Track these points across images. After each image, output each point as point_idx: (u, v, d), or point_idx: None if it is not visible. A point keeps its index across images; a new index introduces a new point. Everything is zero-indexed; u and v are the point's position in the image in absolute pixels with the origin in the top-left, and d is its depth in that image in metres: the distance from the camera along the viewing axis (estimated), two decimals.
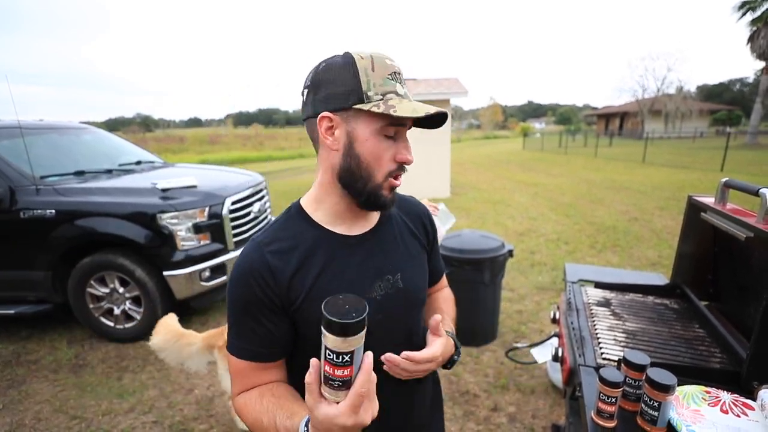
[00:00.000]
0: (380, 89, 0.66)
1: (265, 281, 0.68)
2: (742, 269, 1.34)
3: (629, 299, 1.64)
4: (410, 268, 0.81)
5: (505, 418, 2.14)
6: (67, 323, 3.19)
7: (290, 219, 0.76)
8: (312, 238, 0.73)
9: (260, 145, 27.41)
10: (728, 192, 1.35)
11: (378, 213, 0.81)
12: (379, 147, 0.68)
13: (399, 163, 0.71)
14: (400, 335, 0.79)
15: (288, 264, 0.70)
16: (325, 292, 0.68)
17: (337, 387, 0.50)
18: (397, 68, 0.69)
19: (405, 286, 0.78)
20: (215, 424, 2.15)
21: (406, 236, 0.84)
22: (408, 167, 0.73)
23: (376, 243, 0.78)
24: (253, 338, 0.70)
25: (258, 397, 0.69)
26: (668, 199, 7.55)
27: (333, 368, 0.49)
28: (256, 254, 0.70)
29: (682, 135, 29.65)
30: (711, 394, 0.98)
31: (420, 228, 0.88)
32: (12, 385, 2.51)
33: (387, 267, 0.77)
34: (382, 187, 0.70)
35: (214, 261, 2.99)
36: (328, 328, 0.48)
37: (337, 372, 0.49)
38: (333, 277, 0.72)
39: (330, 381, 0.50)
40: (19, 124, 3.07)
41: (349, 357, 0.48)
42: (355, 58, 0.66)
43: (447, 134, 8.64)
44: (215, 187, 3.20)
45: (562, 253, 4.71)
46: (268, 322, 0.70)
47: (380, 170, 0.69)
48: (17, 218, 2.72)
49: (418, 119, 0.71)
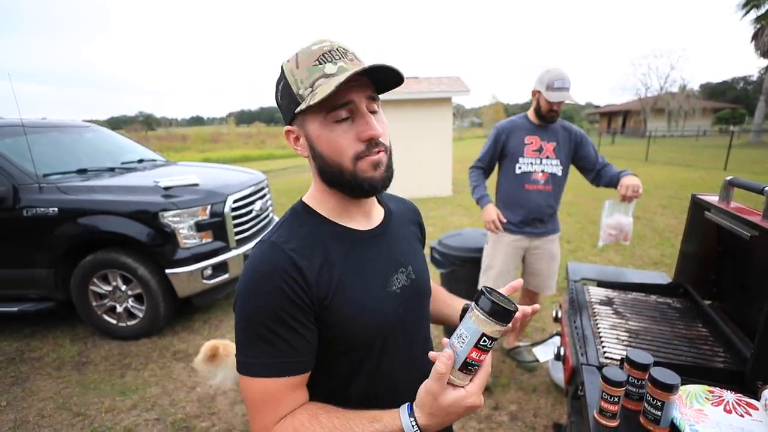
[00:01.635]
0: (308, 81, 0.62)
1: (295, 281, 0.63)
2: (746, 268, 1.34)
3: (632, 298, 1.63)
4: (417, 261, 0.82)
5: (506, 416, 2.14)
6: (70, 321, 3.21)
7: (300, 217, 0.73)
8: (328, 234, 0.70)
9: (262, 144, 27.43)
10: (732, 190, 1.35)
11: (380, 209, 0.82)
12: (333, 136, 0.64)
13: (366, 141, 0.65)
14: (420, 327, 0.81)
15: (312, 262, 0.66)
16: (350, 289, 0.68)
17: (472, 372, 0.55)
18: (327, 48, 0.63)
19: (417, 278, 0.79)
20: (217, 422, 2.16)
21: (408, 232, 0.86)
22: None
23: (387, 237, 0.78)
24: (287, 349, 0.63)
25: (311, 418, 0.62)
26: (671, 197, 7.52)
27: (480, 353, 0.53)
28: (277, 254, 0.64)
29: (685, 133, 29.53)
30: (714, 393, 0.97)
31: (416, 225, 0.92)
32: (16, 382, 2.52)
33: (400, 260, 0.77)
34: (358, 170, 0.65)
35: (216, 259, 3.00)
36: (493, 315, 0.51)
37: (482, 357, 0.53)
38: (356, 272, 0.70)
39: (470, 366, 0.54)
40: (22, 123, 3.08)
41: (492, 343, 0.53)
42: (283, 65, 0.67)
43: (449, 132, 8.63)
44: (217, 186, 3.21)
45: (564, 251, 4.70)
46: (301, 326, 0.64)
47: (345, 157, 0.65)
48: (20, 216, 2.73)
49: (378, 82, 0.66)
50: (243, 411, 2.24)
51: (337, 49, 0.64)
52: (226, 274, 3.08)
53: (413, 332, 0.79)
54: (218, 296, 3.19)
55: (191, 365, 1.78)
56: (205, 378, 1.74)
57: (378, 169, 0.67)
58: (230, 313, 3.40)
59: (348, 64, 0.63)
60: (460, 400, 0.54)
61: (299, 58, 0.64)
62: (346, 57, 0.64)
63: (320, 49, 0.63)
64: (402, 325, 0.75)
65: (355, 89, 0.63)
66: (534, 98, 2.18)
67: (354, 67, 0.62)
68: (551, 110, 2.11)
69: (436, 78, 9.48)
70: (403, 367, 0.76)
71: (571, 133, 2.26)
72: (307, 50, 0.64)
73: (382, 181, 0.68)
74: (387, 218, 0.81)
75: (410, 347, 0.78)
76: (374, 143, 0.65)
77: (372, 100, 0.66)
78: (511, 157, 2.26)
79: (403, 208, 0.90)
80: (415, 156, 8.27)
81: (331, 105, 0.62)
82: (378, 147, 0.66)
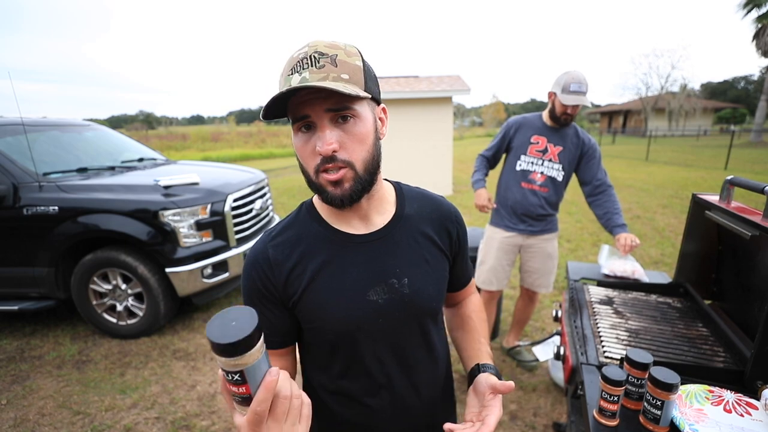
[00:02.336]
0: (280, 88, 0.62)
1: (264, 273, 0.71)
2: (746, 268, 1.33)
3: (632, 297, 1.63)
4: (421, 273, 0.76)
5: (506, 416, 2.14)
6: (70, 319, 3.21)
7: (299, 215, 0.77)
8: (316, 234, 0.73)
9: (262, 143, 27.42)
10: (733, 190, 1.34)
11: (389, 212, 0.77)
12: (298, 145, 0.66)
13: (321, 156, 0.63)
14: (407, 342, 0.78)
15: (288, 258, 0.72)
16: (322, 289, 0.71)
17: (240, 402, 0.49)
18: (303, 55, 0.61)
19: (411, 291, 0.74)
20: (217, 420, 2.16)
21: (420, 239, 0.77)
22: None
23: (384, 244, 0.74)
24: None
25: None
26: (671, 197, 7.51)
27: (229, 385, 0.48)
28: (260, 246, 0.73)
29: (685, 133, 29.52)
30: (714, 393, 0.97)
31: (442, 231, 0.81)
32: (16, 380, 2.53)
33: (392, 270, 0.73)
34: (320, 184, 0.66)
35: (216, 258, 3.00)
36: (212, 348, 0.46)
37: (233, 389, 0.48)
38: (332, 275, 0.71)
39: (233, 395, 0.50)
40: (22, 121, 3.08)
41: (239, 376, 0.47)
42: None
43: (449, 131, 8.62)
44: (217, 185, 3.21)
45: (564, 251, 4.70)
46: (269, 312, 0.73)
47: (309, 166, 0.66)
48: (20, 215, 2.73)
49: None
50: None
51: (311, 56, 0.61)
52: (226, 273, 3.08)
53: (399, 346, 0.77)
54: (218, 295, 3.19)
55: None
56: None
57: (338, 188, 0.65)
58: None
59: (315, 74, 0.60)
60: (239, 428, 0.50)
61: (284, 65, 0.64)
62: (317, 65, 0.60)
63: (297, 57, 0.62)
64: (382, 335, 0.74)
65: (313, 102, 0.61)
66: (550, 100, 2.16)
67: (317, 78, 0.59)
68: (565, 113, 2.07)
69: (436, 77, 9.47)
70: (383, 380, 0.77)
71: (582, 142, 2.20)
72: (291, 56, 0.63)
73: (342, 198, 0.66)
74: (391, 224, 0.76)
75: (400, 362, 0.77)
76: (329, 159, 0.63)
77: (336, 111, 0.62)
78: (515, 152, 2.26)
79: (427, 212, 0.81)
80: (416, 155, 8.27)
81: (293, 115, 0.63)
82: (335, 163, 0.63)
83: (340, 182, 0.65)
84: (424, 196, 0.84)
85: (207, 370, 2.61)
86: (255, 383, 0.48)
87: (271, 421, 0.49)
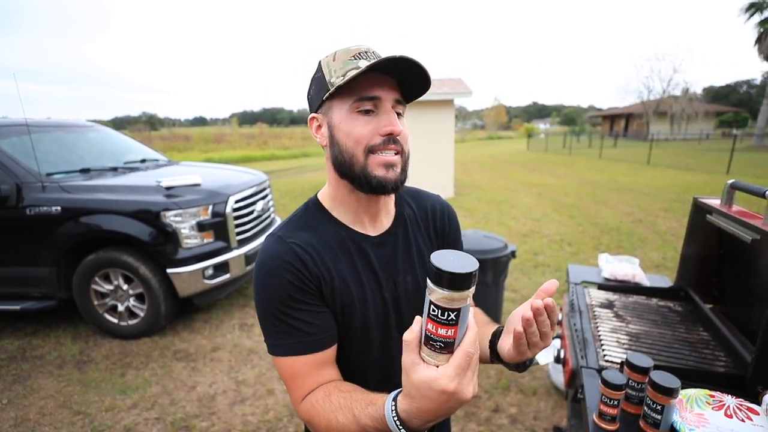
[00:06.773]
0: (341, 71, 0.65)
1: (297, 269, 0.67)
2: (747, 272, 1.33)
3: (633, 301, 1.63)
4: (421, 270, 0.79)
5: (506, 419, 2.13)
6: (71, 319, 3.22)
7: (309, 215, 0.76)
8: (333, 234, 0.73)
9: (264, 144, 27.50)
10: (734, 194, 1.34)
11: (392, 213, 0.81)
12: (354, 125, 0.66)
13: (384, 136, 0.66)
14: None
15: (313, 258, 0.69)
16: (344, 290, 0.71)
17: (438, 349, 0.46)
18: (364, 48, 0.67)
19: (413, 288, 0.78)
20: (216, 422, 2.16)
21: (418, 237, 0.82)
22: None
23: (392, 245, 0.78)
24: (303, 329, 0.67)
25: (325, 396, 0.65)
26: (673, 201, 7.50)
27: (436, 326, 0.46)
28: (281, 246, 0.69)
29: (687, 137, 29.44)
30: (715, 398, 0.97)
31: (431, 225, 0.84)
32: (17, 380, 2.53)
33: (399, 269, 0.77)
34: (368, 166, 0.67)
35: (217, 259, 3.01)
36: (436, 280, 0.44)
37: (441, 331, 0.45)
38: (356, 276, 0.73)
39: (431, 341, 0.47)
40: (26, 122, 3.10)
41: (455, 315, 0.44)
42: (320, 60, 0.70)
43: (450, 134, 8.63)
44: (219, 186, 3.22)
45: (565, 254, 4.69)
46: (310, 308, 0.68)
47: (359, 147, 0.66)
48: (23, 215, 2.74)
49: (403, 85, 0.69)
50: (242, 411, 2.24)
51: (373, 51, 0.68)
52: (227, 274, 3.08)
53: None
54: (219, 296, 3.19)
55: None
56: None
57: (390, 171, 0.68)
58: (231, 312, 3.41)
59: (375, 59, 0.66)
60: (431, 381, 0.47)
61: (337, 54, 0.67)
62: (377, 55, 0.68)
63: (357, 49, 0.67)
64: (391, 332, 0.76)
65: (384, 87, 0.66)
66: None
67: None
68: None
69: (438, 80, 9.48)
70: (389, 375, 0.77)
71: None
72: (345, 49, 0.68)
73: (392, 183, 0.68)
74: (394, 225, 0.80)
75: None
76: (392, 139, 0.66)
77: (398, 103, 0.68)
78: None
79: (422, 210, 0.85)
80: (417, 157, 8.23)
81: (358, 95, 0.65)
82: (395, 145, 0.67)
83: (394, 165, 0.68)
84: (418, 194, 0.88)
85: (207, 371, 2.61)
86: (462, 327, 0.47)
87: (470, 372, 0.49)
